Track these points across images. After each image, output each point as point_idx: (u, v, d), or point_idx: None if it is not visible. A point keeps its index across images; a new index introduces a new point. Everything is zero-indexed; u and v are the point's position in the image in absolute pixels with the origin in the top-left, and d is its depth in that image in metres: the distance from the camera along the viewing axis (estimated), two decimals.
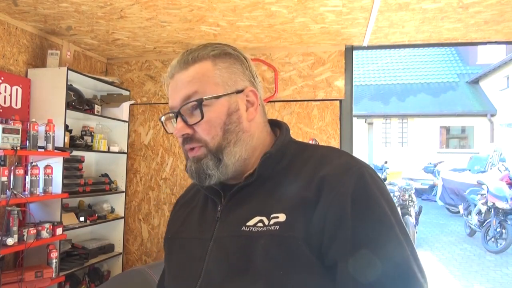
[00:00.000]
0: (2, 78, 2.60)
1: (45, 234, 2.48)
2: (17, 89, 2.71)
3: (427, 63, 14.31)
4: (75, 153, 2.98)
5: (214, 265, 0.73)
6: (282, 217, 0.70)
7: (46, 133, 2.53)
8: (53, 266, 2.55)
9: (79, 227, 2.98)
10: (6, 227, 2.33)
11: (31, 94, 2.80)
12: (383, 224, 0.68)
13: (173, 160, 3.52)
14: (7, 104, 2.63)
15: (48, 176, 2.56)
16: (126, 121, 3.44)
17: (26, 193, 2.47)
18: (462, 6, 2.39)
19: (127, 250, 3.56)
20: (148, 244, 3.53)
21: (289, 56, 3.29)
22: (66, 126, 2.81)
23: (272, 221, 0.70)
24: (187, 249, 0.80)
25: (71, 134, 3.01)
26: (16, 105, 2.70)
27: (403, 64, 14.55)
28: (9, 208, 2.31)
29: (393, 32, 2.88)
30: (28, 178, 2.50)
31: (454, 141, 13.11)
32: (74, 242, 3.09)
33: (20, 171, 2.41)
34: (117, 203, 3.47)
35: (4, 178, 2.29)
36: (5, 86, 2.62)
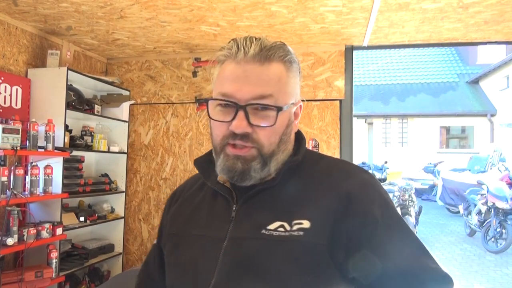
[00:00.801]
0: (2, 78, 2.60)
1: (45, 234, 2.48)
2: (17, 89, 2.71)
3: (427, 63, 14.31)
4: (75, 153, 2.98)
5: (230, 266, 0.72)
6: (307, 224, 0.70)
7: (46, 133, 2.53)
8: (53, 266, 2.55)
9: (79, 227, 2.99)
10: (6, 227, 2.33)
11: (31, 94, 2.80)
12: (403, 233, 0.74)
13: (173, 160, 3.52)
14: (7, 104, 2.63)
15: (48, 176, 2.56)
16: (126, 121, 3.44)
17: (26, 193, 2.47)
18: (462, 6, 2.39)
19: (127, 250, 3.56)
20: (148, 244, 3.53)
21: None
22: (66, 126, 2.81)
23: (295, 227, 0.70)
24: (197, 247, 0.78)
25: (71, 134, 3.01)
26: (16, 105, 2.70)
27: (403, 64, 14.55)
28: (9, 208, 2.32)
29: (393, 32, 2.88)
30: (28, 178, 2.50)
31: (454, 141, 13.11)
32: (74, 242, 3.08)
33: (20, 171, 2.41)
34: (117, 203, 3.47)
35: (4, 178, 2.29)
36: (5, 86, 2.62)
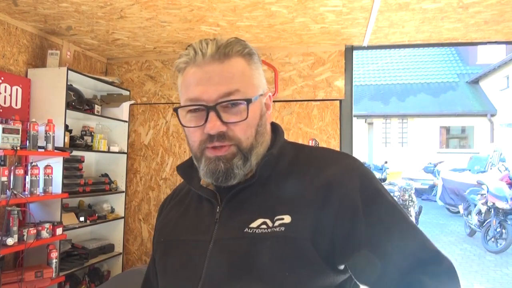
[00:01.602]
0: (2, 78, 2.60)
1: (45, 234, 2.48)
2: (17, 89, 2.71)
3: (427, 63, 14.31)
4: (75, 153, 2.98)
5: (216, 267, 0.72)
6: (288, 219, 0.70)
7: (46, 133, 2.53)
8: (53, 266, 2.55)
9: (79, 227, 2.98)
10: (6, 227, 2.33)
11: (31, 94, 2.80)
12: (394, 215, 0.71)
13: (173, 160, 3.52)
14: (7, 104, 2.63)
15: (48, 176, 2.56)
16: (126, 121, 3.44)
17: (26, 193, 2.47)
18: (462, 6, 2.39)
19: (127, 250, 3.56)
20: (148, 244, 3.53)
21: (289, 56, 3.29)
22: (66, 126, 2.81)
23: (277, 223, 0.70)
24: (185, 251, 0.78)
25: (71, 134, 3.01)
26: (16, 105, 2.70)
27: (403, 64, 14.55)
28: (9, 208, 2.31)
29: (393, 32, 2.88)
30: (28, 178, 2.50)
31: (454, 141, 13.11)
32: (74, 242, 3.08)
33: (20, 171, 2.41)
34: (117, 203, 3.47)
35: (4, 178, 2.29)
36: (5, 86, 2.62)
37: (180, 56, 0.77)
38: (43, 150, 2.53)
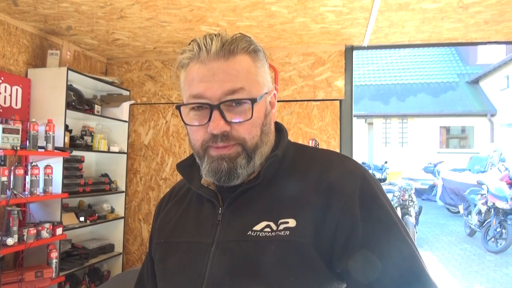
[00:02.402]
0: (2, 78, 2.60)
1: (45, 234, 2.48)
2: (17, 89, 2.71)
3: (427, 63, 14.33)
4: (75, 153, 2.98)
5: (219, 270, 0.70)
6: (292, 223, 0.69)
7: (46, 133, 2.53)
8: (53, 266, 2.55)
9: (79, 227, 2.99)
10: (6, 227, 2.33)
11: (31, 94, 2.80)
12: (389, 227, 0.70)
13: (173, 160, 3.52)
14: (7, 104, 2.63)
15: (48, 176, 2.56)
16: (126, 121, 3.44)
17: (26, 193, 2.47)
18: (462, 6, 2.39)
19: (127, 250, 3.56)
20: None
21: (289, 56, 3.29)
22: (66, 126, 2.81)
23: (282, 226, 0.69)
24: (186, 254, 0.76)
25: (71, 134, 3.01)
26: (16, 105, 2.70)
27: (403, 64, 14.56)
28: (9, 208, 2.32)
29: (393, 32, 2.88)
30: (28, 178, 2.50)
31: (454, 141, 13.12)
32: (74, 242, 3.09)
33: (20, 171, 2.41)
34: (117, 203, 3.47)
35: (4, 178, 2.29)
36: (5, 86, 2.62)
37: (184, 52, 0.75)
38: (43, 150, 2.53)
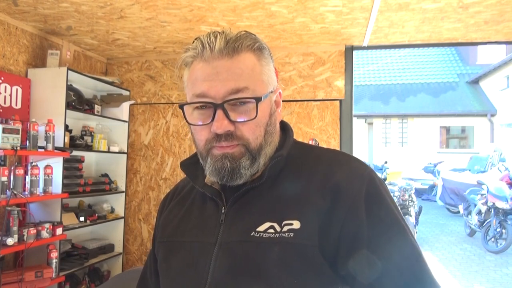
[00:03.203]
0: (2, 78, 2.60)
1: (45, 234, 2.48)
2: (17, 89, 2.71)
3: (427, 63, 14.32)
4: (75, 153, 2.98)
5: (222, 271, 0.70)
6: (297, 224, 0.68)
7: (46, 133, 2.54)
8: (53, 266, 2.55)
9: (79, 227, 2.99)
10: (6, 227, 2.33)
11: (31, 94, 2.80)
12: (394, 228, 0.69)
13: (173, 160, 3.52)
14: (7, 104, 2.63)
15: (48, 176, 2.56)
16: (126, 121, 3.44)
17: (26, 193, 2.47)
18: (462, 6, 2.39)
19: (127, 250, 3.56)
20: (148, 244, 3.53)
21: (289, 56, 3.29)
22: (66, 126, 2.81)
23: (286, 228, 0.68)
24: (189, 253, 0.75)
25: (71, 134, 3.01)
26: (16, 105, 2.70)
27: (403, 64, 14.56)
28: (9, 208, 2.32)
29: (393, 32, 2.88)
30: (28, 178, 2.50)
31: (454, 141, 13.12)
32: (74, 242, 3.09)
33: (20, 171, 2.41)
34: (117, 203, 3.47)
35: (4, 178, 2.29)
36: (5, 86, 2.62)
37: (187, 50, 0.73)
38: (43, 150, 2.53)
